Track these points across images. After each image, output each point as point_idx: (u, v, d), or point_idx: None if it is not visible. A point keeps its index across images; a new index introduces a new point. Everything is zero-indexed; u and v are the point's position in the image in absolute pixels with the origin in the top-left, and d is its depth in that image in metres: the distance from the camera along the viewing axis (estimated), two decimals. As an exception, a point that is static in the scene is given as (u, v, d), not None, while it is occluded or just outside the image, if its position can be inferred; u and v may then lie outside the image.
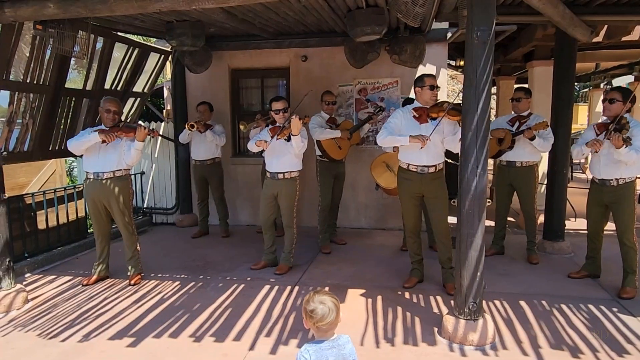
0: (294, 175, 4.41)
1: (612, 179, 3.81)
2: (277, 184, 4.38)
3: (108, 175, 4.12)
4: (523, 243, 4.90)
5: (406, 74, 5.75)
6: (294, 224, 4.50)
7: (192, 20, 4.68)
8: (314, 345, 1.98)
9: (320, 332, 1.98)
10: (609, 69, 9.20)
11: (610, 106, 3.80)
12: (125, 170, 4.22)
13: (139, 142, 4.08)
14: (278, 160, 4.36)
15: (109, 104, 4.14)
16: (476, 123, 2.96)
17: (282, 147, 4.31)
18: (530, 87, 6.02)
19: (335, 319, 1.96)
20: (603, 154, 3.82)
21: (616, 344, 3.05)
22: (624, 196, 3.79)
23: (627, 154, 3.58)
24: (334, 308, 1.96)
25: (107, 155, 4.10)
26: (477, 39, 2.87)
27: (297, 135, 4.15)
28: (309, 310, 1.97)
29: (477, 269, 3.08)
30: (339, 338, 2.01)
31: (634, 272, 3.83)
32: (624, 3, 4.04)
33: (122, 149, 4.14)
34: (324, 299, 1.99)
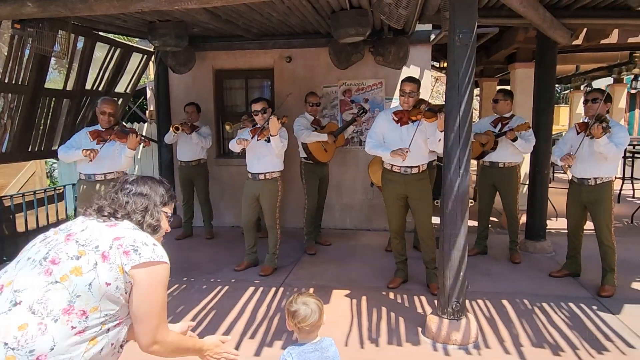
0: (275, 175, 4.41)
1: (591, 179, 3.88)
2: (259, 184, 4.38)
3: (100, 178, 4.06)
4: (506, 243, 4.96)
5: (390, 75, 5.78)
6: (277, 224, 4.50)
7: (175, 20, 4.64)
8: (297, 347, 1.97)
9: (303, 334, 1.98)
10: (588, 71, 9.38)
11: (593, 105, 3.88)
12: (117, 173, 4.15)
13: (129, 149, 4.02)
14: (259, 161, 4.36)
15: (104, 106, 4.09)
16: (458, 124, 2.98)
17: (262, 147, 4.30)
18: (512, 89, 6.11)
19: (317, 321, 1.96)
20: (582, 152, 3.90)
21: (596, 342, 3.11)
22: (602, 196, 3.86)
23: (606, 145, 3.66)
24: (316, 310, 1.96)
25: (100, 158, 4.02)
26: (459, 41, 2.90)
27: (276, 136, 4.15)
28: (291, 311, 1.97)
29: (460, 268, 3.11)
30: (323, 341, 2.01)
31: (613, 271, 3.90)
32: (603, 7, 4.12)
33: (116, 152, 4.08)
34: (307, 300, 1.99)
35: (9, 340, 1.25)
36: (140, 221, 1.57)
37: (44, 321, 1.28)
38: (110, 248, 1.41)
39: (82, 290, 1.34)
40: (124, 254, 1.41)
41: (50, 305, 1.31)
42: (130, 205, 1.57)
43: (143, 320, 1.45)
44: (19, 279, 1.35)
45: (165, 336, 1.50)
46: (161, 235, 1.66)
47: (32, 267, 1.37)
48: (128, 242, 1.44)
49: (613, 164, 3.89)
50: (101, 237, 1.44)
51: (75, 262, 1.36)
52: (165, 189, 1.72)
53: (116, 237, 1.44)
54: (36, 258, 1.40)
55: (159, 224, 1.64)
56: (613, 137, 3.73)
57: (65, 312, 1.31)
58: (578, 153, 3.94)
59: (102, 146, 3.98)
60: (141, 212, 1.58)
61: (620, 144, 3.72)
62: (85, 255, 1.38)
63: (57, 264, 1.36)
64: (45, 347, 1.26)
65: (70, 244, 1.41)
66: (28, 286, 1.33)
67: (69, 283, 1.34)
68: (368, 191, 5.87)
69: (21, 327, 1.26)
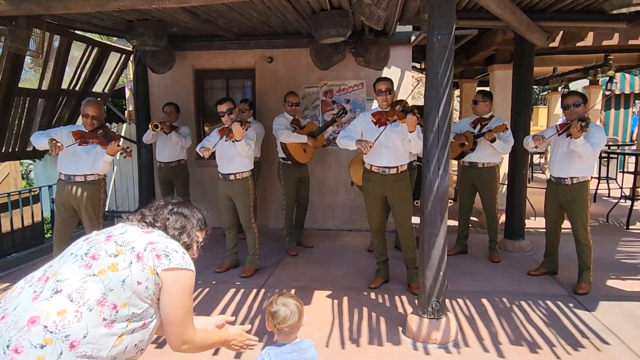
0: (246, 175, 4.40)
1: (567, 178, 3.95)
2: (230, 185, 4.37)
3: (79, 179, 3.98)
4: (485, 242, 5.02)
5: (371, 76, 5.77)
6: (253, 224, 4.48)
7: (153, 19, 4.58)
8: (276, 348, 1.97)
9: (282, 335, 1.98)
10: (565, 73, 9.56)
11: (576, 109, 3.92)
12: (98, 175, 4.06)
13: (107, 155, 3.95)
14: (229, 161, 4.34)
15: (87, 108, 4.00)
16: (437, 125, 3.01)
17: (231, 148, 4.29)
18: (492, 90, 6.18)
19: (297, 322, 1.96)
20: (560, 152, 3.97)
21: (572, 339, 3.17)
22: (578, 195, 3.93)
23: (583, 145, 3.73)
24: (296, 311, 1.96)
25: (79, 159, 3.94)
26: (438, 42, 2.93)
27: (241, 141, 4.13)
28: (271, 312, 1.96)
29: (440, 268, 3.13)
30: (302, 342, 2.01)
31: (589, 269, 3.98)
32: (578, 10, 4.20)
33: (96, 155, 4.00)
34: (287, 301, 1.98)
35: (48, 324, 1.36)
36: (176, 237, 1.71)
37: (80, 309, 1.40)
38: (145, 250, 1.55)
39: (115, 285, 1.46)
40: (156, 257, 1.55)
41: (86, 295, 1.43)
42: (171, 222, 1.73)
43: (171, 323, 1.58)
44: (62, 270, 1.49)
45: (193, 336, 1.64)
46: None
47: (74, 261, 1.51)
48: (161, 247, 1.58)
49: (589, 164, 3.96)
50: (137, 240, 1.58)
51: (113, 259, 1.50)
52: (203, 217, 1.87)
53: (150, 241, 1.58)
54: (78, 253, 1.54)
55: (192, 245, 1.79)
56: (590, 137, 3.80)
57: (99, 303, 1.42)
58: (556, 153, 4.02)
59: (72, 144, 3.89)
60: (179, 229, 1.73)
61: (596, 145, 3.79)
62: (122, 255, 1.52)
63: (96, 260, 1.50)
64: (80, 334, 1.37)
65: (109, 243, 1.56)
66: (69, 277, 1.46)
67: (105, 277, 1.46)
68: (350, 191, 5.89)
69: (60, 312, 1.38)
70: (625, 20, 4.03)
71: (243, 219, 4.45)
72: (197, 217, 1.83)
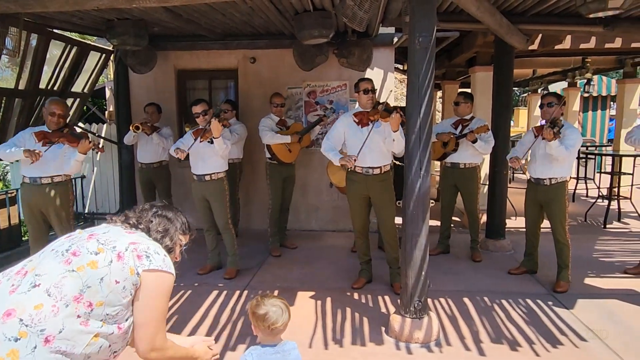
0: (221, 176, 4.38)
1: (546, 179, 4.03)
2: (205, 186, 4.34)
3: (46, 181, 3.88)
4: (467, 242, 5.08)
5: (354, 77, 5.77)
6: (229, 225, 4.46)
7: (134, 19, 4.52)
8: (259, 349, 1.96)
9: (272, 336, 1.97)
10: (544, 75, 9.74)
11: (549, 109, 4.02)
12: (65, 176, 3.97)
13: (80, 154, 3.87)
14: (204, 162, 4.31)
15: (53, 107, 3.90)
16: (419, 126, 3.04)
17: (206, 149, 4.26)
18: (473, 92, 6.26)
19: (288, 320, 1.97)
20: (539, 154, 4.05)
21: (551, 336, 3.23)
22: (557, 196, 4.01)
23: (557, 147, 3.81)
24: (285, 309, 1.97)
25: (46, 160, 3.82)
26: (419, 44, 2.95)
27: (219, 138, 4.12)
28: (260, 315, 1.94)
29: (422, 268, 3.16)
30: (285, 344, 2.00)
31: (567, 267, 4.06)
32: (556, 14, 4.29)
33: (64, 155, 3.90)
34: (273, 301, 1.99)
35: (24, 317, 1.35)
36: (158, 240, 1.71)
37: (57, 304, 1.39)
38: (126, 250, 1.54)
39: (93, 282, 1.45)
40: (137, 257, 1.54)
41: (64, 290, 1.42)
42: (154, 225, 1.74)
43: (143, 324, 1.55)
44: (42, 265, 1.49)
45: (163, 344, 1.60)
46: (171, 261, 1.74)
47: (55, 256, 1.51)
48: (142, 248, 1.58)
49: (566, 165, 4.04)
50: (119, 239, 1.58)
51: (93, 257, 1.49)
52: (187, 221, 1.88)
53: (132, 241, 1.59)
54: (59, 249, 1.53)
55: (174, 248, 1.79)
56: (565, 139, 3.89)
57: (75, 299, 1.42)
58: (535, 155, 4.09)
59: (48, 148, 3.81)
60: (162, 232, 1.74)
61: (571, 146, 3.87)
62: (103, 253, 1.51)
63: (77, 256, 1.49)
64: (55, 329, 1.37)
65: (91, 241, 1.55)
66: (48, 272, 1.46)
67: (83, 273, 1.46)
68: (333, 192, 5.89)
69: (37, 306, 1.37)
70: (602, 24, 4.13)
71: (219, 220, 4.41)
72: (181, 220, 1.83)
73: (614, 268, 4.58)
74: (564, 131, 3.94)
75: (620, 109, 8.26)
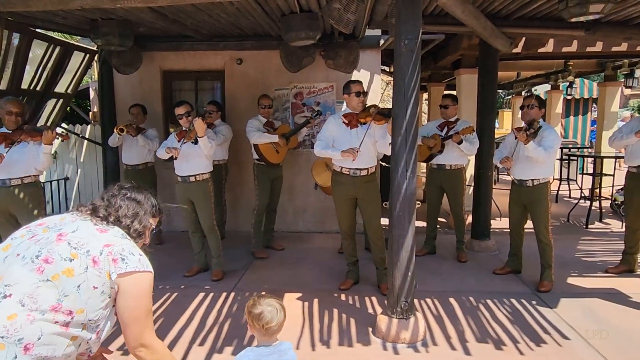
0: (206, 177, 4.36)
1: (528, 180, 4.09)
2: (190, 187, 4.32)
3: (15, 182, 3.82)
4: (453, 242, 5.12)
5: (341, 79, 5.83)
6: (214, 226, 4.44)
7: (119, 19, 4.47)
8: (255, 350, 1.97)
9: (267, 336, 1.97)
10: (528, 78, 9.89)
11: (529, 111, 4.09)
12: (34, 177, 3.92)
13: (46, 145, 3.81)
14: (188, 163, 4.29)
15: (9, 105, 3.84)
16: (405, 127, 3.06)
17: (190, 150, 4.25)
18: (458, 94, 6.34)
19: (284, 320, 1.98)
20: (520, 155, 4.11)
21: (535, 335, 3.27)
22: (539, 196, 4.07)
23: (534, 150, 3.88)
24: (280, 308, 1.99)
25: (12, 161, 3.76)
26: (405, 47, 2.98)
27: (204, 137, 4.10)
28: (256, 314, 1.95)
29: (409, 268, 3.18)
30: (281, 344, 2.01)
31: (550, 267, 4.12)
32: (539, 18, 4.36)
33: (31, 153, 3.85)
34: (269, 301, 2.00)
35: None
36: (128, 225, 1.68)
37: (32, 314, 1.36)
38: (101, 254, 1.50)
39: (70, 291, 1.42)
40: (113, 261, 1.51)
41: (40, 300, 1.38)
42: (123, 209, 1.68)
43: (129, 324, 1.56)
44: (9, 274, 1.41)
45: (151, 341, 1.61)
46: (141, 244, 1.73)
47: (24, 263, 1.43)
48: (117, 250, 1.53)
49: (548, 165, 4.10)
50: (92, 241, 1.52)
51: (68, 264, 1.44)
52: (157, 203, 1.84)
53: (106, 244, 1.53)
54: (27, 255, 1.46)
55: (144, 232, 1.75)
56: (542, 141, 3.96)
57: (52, 309, 1.39)
58: (515, 156, 4.15)
59: (10, 149, 3.75)
60: (131, 217, 1.69)
61: (549, 147, 3.93)
62: (78, 259, 1.46)
63: (50, 264, 1.43)
64: (33, 337, 1.34)
65: (62, 244, 1.48)
66: (18, 281, 1.40)
67: (59, 282, 1.41)
68: (319, 194, 5.90)
69: (10, 317, 1.34)
70: (583, 28, 4.21)
71: (204, 222, 4.38)
72: (150, 203, 1.79)
73: (596, 267, 4.66)
74: (541, 132, 4.00)
75: (601, 111, 8.43)
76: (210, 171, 4.41)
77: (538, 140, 3.97)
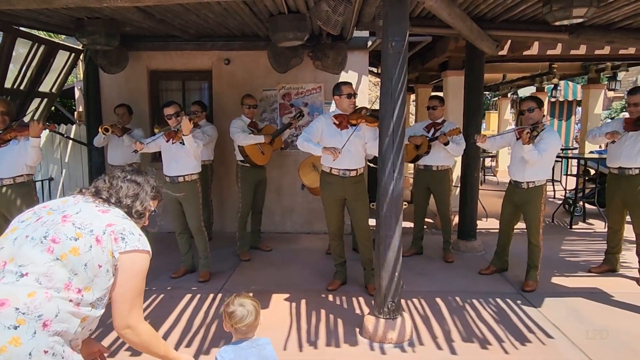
0: (195, 177, 4.34)
1: (523, 182, 4.10)
2: (178, 187, 4.28)
3: (7, 182, 3.77)
4: (440, 243, 5.17)
5: (329, 79, 5.85)
6: (202, 227, 4.42)
7: (105, 18, 4.43)
8: (233, 345, 1.98)
9: (239, 334, 2.01)
10: (514, 80, 10.00)
11: (530, 115, 4.05)
12: (27, 176, 3.87)
13: (33, 138, 3.75)
14: (177, 163, 4.27)
15: None
16: (392, 129, 3.08)
17: (179, 150, 4.23)
18: (445, 96, 6.39)
19: (254, 322, 1.99)
20: (517, 157, 4.12)
21: (519, 334, 3.32)
22: (532, 199, 4.08)
23: (530, 152, 3.89)
24: (252, 310, 1.99)
25: (3, 160, 3.73)
26: (392, 48, 3.00)
27: (188, 135, 4.08)
28: (228, 312, 2.00)
29: (395, 269, 3.20)
30: (259, 339, 2.04)
31: (536, 268, 4.17)
32: (524, 21, 4.42)
33: (21, 150, 3.81)
34: (244, 301, 2.02)
35: (19, 305, 1.37)
36: (129, 206, 1.73)
37: (49, 292, 1.43)
38: (104, 233, 1.56)
39: (79, 269, 1.48)
40: (114, 240, 1.57)
41: (54, 279, 1.45)
42: (124, 190, 1.74)
43: (118, 301, 1.60)
44: (22, 254, 1.47)
45: (138, 322, 1.63)
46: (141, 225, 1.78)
47: (34, 244, 1.49)
48: (118, 230, 1.59)
49: (544, 168, 4.06)
50: (95, 221, 1.58)
51: (73, 243, 1.50)
52: (157, 185, 1.89)
53: (108, 223, 1.59)
54: (35, 236, 1.51)
55: (145, 213, 1.81)
56: (539, 143, 3.94)
57: (66, 288, 1.46)
58: (514, 157, 4.16)
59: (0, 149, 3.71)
60: (132, 197, 1.75)
61: (543, 150, 3.90)
62: (82, 238, 1.52)
63: (57, 243, 1.49)
64: (52, 314, 1.41)
65: (67, 225, 1.54)
66: (32, 261, 1.45)
67: (67, 261, 1.47)
68: (307, 194, 5.90)
69: (30, 294, 1.40)
70: (567, 32, 4.28)
71: (192, 223, 4.36)
72: (150, 184, 1.85)
73: (579, 267, 4.74)
74: (541, 134, 3.98)
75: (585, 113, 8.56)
76: (198, 172, 4.38)
77: (537, 142, 3.95)
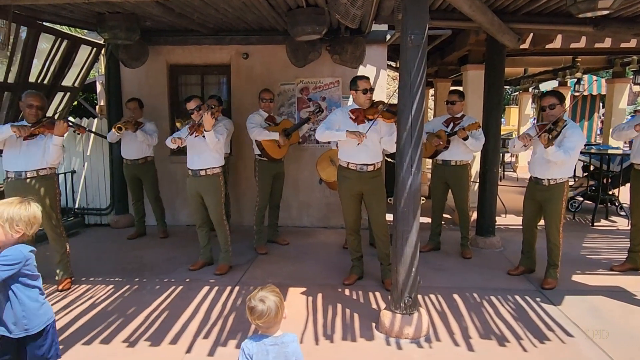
0: (217, 171, 4.36)
1: (545, 179, 4.00)
2: (200, 181, 4.33)
3: (31, 175, 3.85)
4: (458, 239, 5.12)
5: (347, 74, 5.82)
6: (224, 220, 4.46)
7: (125, 12, 4.49)
8: (257, 338, 1.98)
9: (261, 329, 1.98)
10: (536, 74, 9.82)
11: (551, 112, 3.91)
12: (50, 169, 3.95)
13: (57, 137, 3.80)
14: (199, 157, 4.30)
15: (30, 99, 3.87)
16: (410, 123, 3.05)
17: (202, 144, 4.25)
18: (464, 90, 6.30)
19: (274, 318, 1.95)
20: (538, 153, 4.00)
21: (538, 331, 3.27)
22: (554, 196, 3.98)
23: (554, 153, 3.76)
24: (273, 306, 1.95)
25: (29, 153, 3.81)
26: (411, 42, 2.97)
27: (210, 131, 4.10)
28: (249, 307, 1.97)
29: (412, 264, 3.18)
30: (284, 336, 2.01)
31: (556, 266, 4.09)
32: (547, 13, 4.33)
33: (46, 145, 3.88)
34: (265, 296, 1.97)
35: None
36: None
37: None
38: None
39: None
40: None
41: None
42: None
43: None
44: None
45: None
46: None
47: None
48: None
49: (567, 166, 3.94)
50: None
51: None
52: None
53: None
54: None
55: None
56: (564, 141, 3.80)
57: None
58: (535, 153, 4.05)
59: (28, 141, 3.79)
60: None
61: (570, 149, 3.77)
62: None
63: None
64: None
65: None
66: None
67: None
68: (324, 189, 5.91)
69: None
70: (591, 24, 4.17)
71: (213, 216, 4.40)
72: None
73: (601, 265, 4.64)
74: (564, 132, 3.84)
75: (609, 108, 8.36)
76: (221, 165, 4.41)
77: (560, 140, 3.81)
